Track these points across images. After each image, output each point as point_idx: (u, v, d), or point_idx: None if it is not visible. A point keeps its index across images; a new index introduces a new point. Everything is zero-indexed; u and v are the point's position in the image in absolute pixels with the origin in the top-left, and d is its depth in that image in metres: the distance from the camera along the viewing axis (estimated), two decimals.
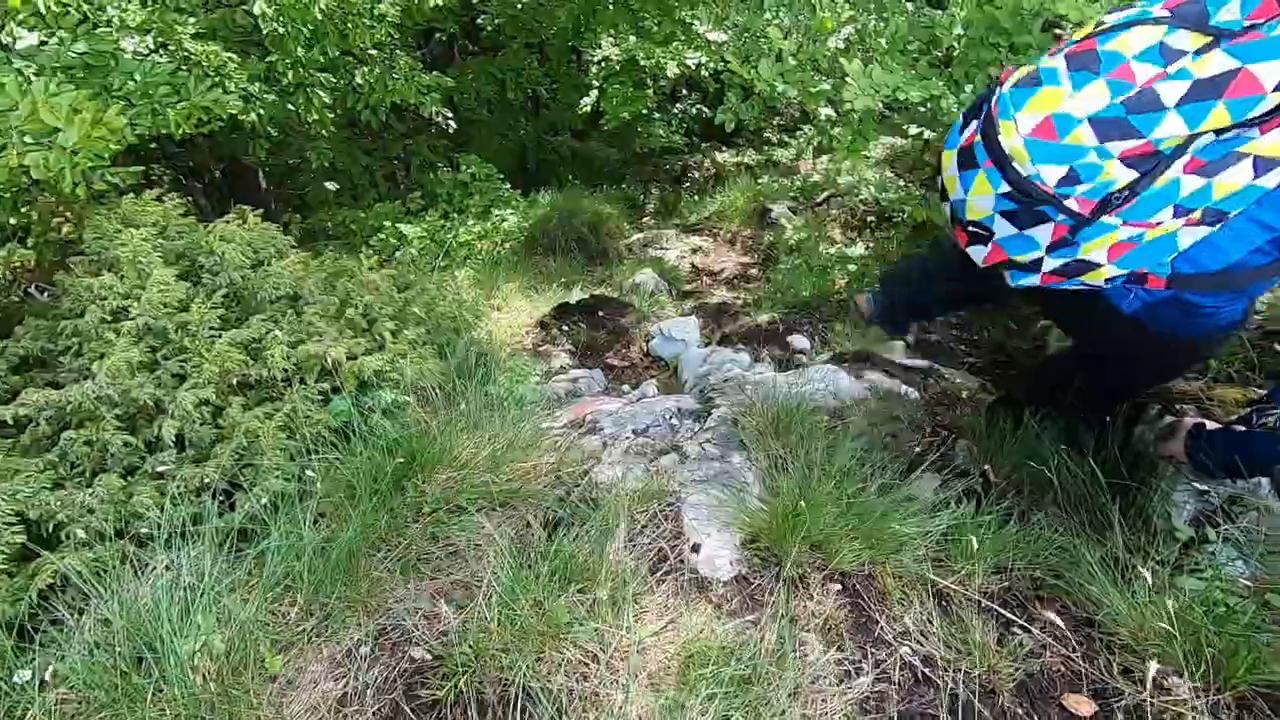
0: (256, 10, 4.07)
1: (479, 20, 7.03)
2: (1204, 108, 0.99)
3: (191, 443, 1.58)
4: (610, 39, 6.23)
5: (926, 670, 1.18)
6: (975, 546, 1.34)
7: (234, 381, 1.72)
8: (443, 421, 1.63)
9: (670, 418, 1.91)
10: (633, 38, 6.05)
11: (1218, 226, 1.11)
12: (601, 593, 1.25)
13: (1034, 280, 1.22)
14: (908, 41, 3.38)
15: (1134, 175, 1.04)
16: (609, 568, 1.30)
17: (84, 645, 1.15)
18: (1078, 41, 1.11)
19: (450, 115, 4.53)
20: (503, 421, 1.67)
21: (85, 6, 2.56)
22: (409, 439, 1.54)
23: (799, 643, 1.19)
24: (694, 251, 4.87)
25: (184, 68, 3.22)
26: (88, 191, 2.10)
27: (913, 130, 3.85)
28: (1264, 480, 1.46)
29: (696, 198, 6.55)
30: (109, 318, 1.70)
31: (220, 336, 1.73)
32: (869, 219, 4.59)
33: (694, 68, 5.64)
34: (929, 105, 3.20)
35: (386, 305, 2.18)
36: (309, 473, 1.49)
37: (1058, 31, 2.97)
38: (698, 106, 8.71)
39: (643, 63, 5.99)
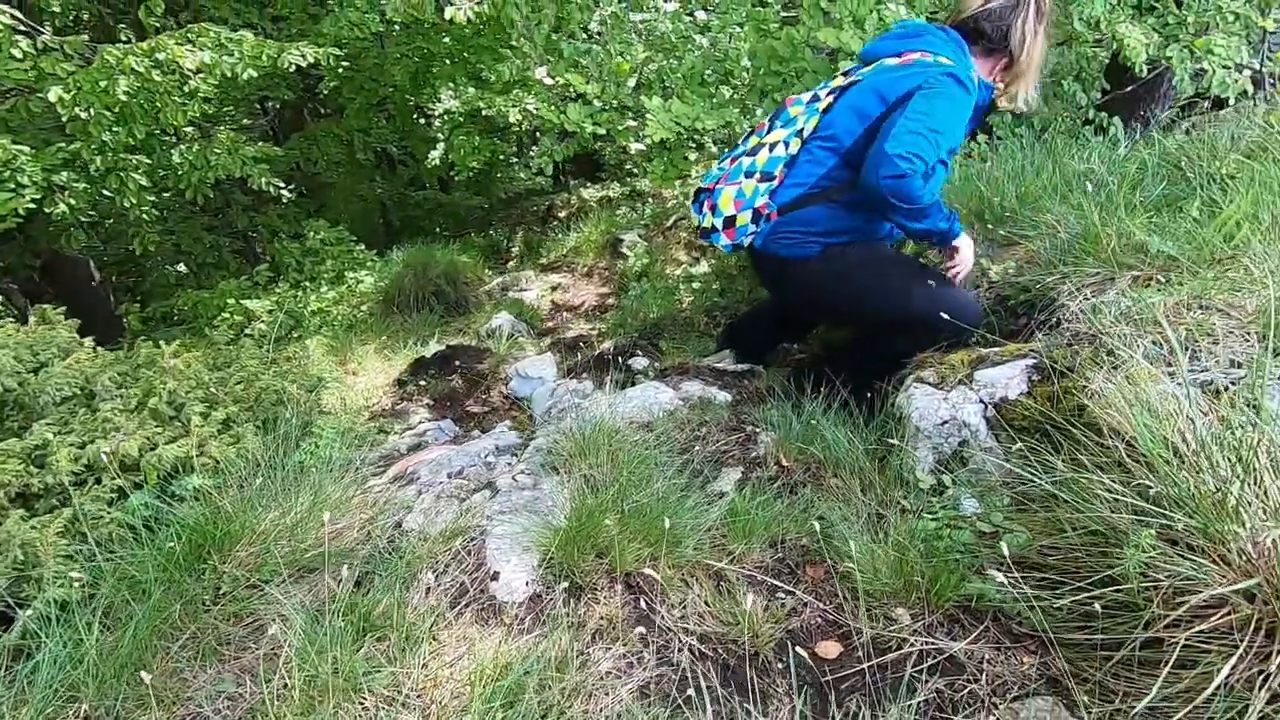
0: (53, 97, 3.88)
1: (317, 86, 6.96)
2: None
3: None
4: (450, 92, 6.33)
5: (702, 647, 1.31)
6: (748, 526, 1.49)
7: (13, 493, 1.64)
8: (244, 497, 1.62)
9: (486, 456, 1.98)
10: (471, 89, 6.18)
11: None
12: (398, 637, 1.29)
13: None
14: (705, 75, 3.69)
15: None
16: (408, 611, 1.35)
17: None
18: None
19: (283, 185, 4.44)
20: (314, 488, 1.68)
21: None
22: (202, 521, 1.53)
23: (585, 646, 1.28)
24: (553, 289, 5.00)
25: None
26: None
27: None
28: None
29: (561, 236, 6.71)
30: None
31: None
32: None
33: (535, 112, 5.83)
34: (726, 129, 3.50)
35: (196, 389, 2.14)
36: (95, 575, 1.45)
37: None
38: (560, 144, 8.95)
39: (485, 112, 6.13)
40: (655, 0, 3.69)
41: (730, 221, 2.06)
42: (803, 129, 2.00)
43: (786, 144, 2.01)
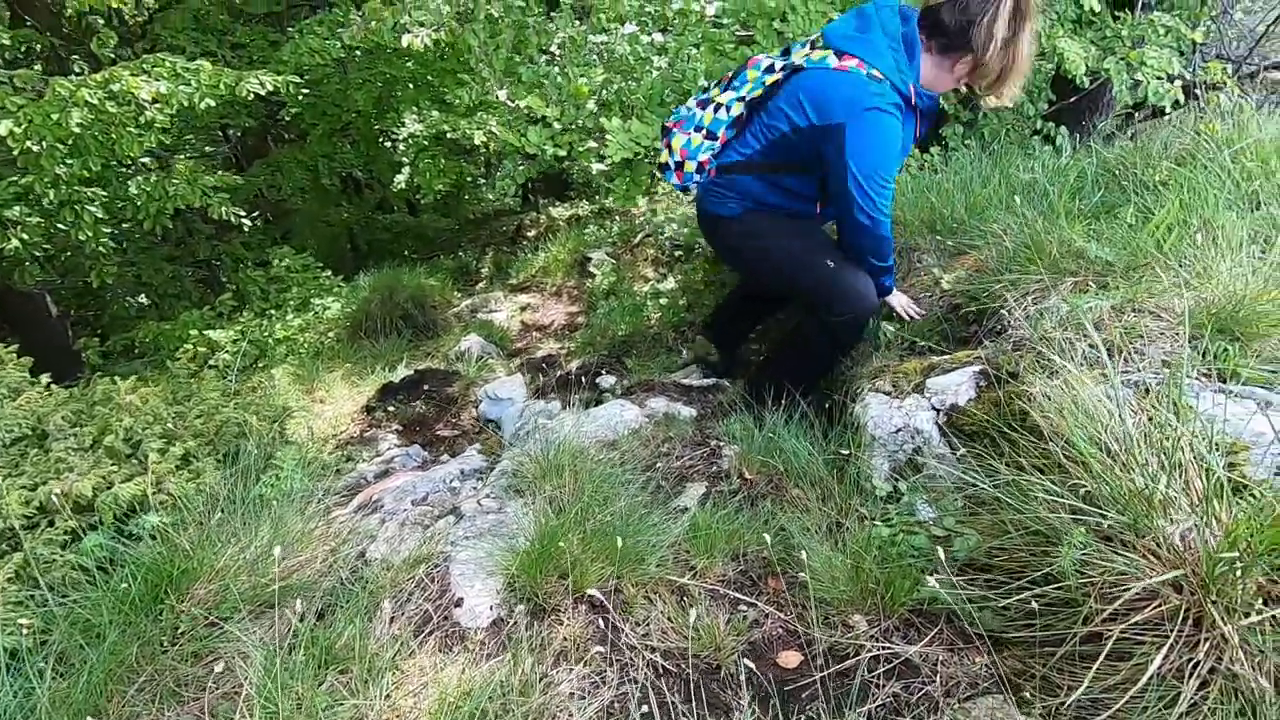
0: (2, 131, 3.81)
1: (279, 111, 6.92)
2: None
3: None
4: (414, 116, 6.33)
5: (665, 664, 1.32)
6: (710, 541, 1.51)
7: None
8: (202, 534, 1.60)
9: (451, 481, 1.98)
10: (435, 112, 6.19)
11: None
12: (360, 669, 1.29)
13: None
14: (664, 94, 3.75)
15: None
16: (371, 642, 1.34)
17: None
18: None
19: (245, 214, 4.40)
20: (274, 522, 1.67)
21: None
22: (159, 560, 1.50)
23: (548, 668, 1.29)
24: (522, 309, 5.01)
25: None
26: None
27: None
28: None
29: (530, 255, 6.72)
30: None
31: None
32: (677, 253, 4.95)
33: (498, 135, 5.86)
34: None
35: (154, 425, 2.11)
36: (48, 620, 1.42)
37: None
38: (522, 165, 8.99)
39: (450, 135, 6.14)
40: (613, 22, 3.76)
41: (680, 165, 2.20)
42: (745, 96, 2.06)
43: (729, 107, 2.09)
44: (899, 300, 2.26)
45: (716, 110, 2.11)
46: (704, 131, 2.14)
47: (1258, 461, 1.16)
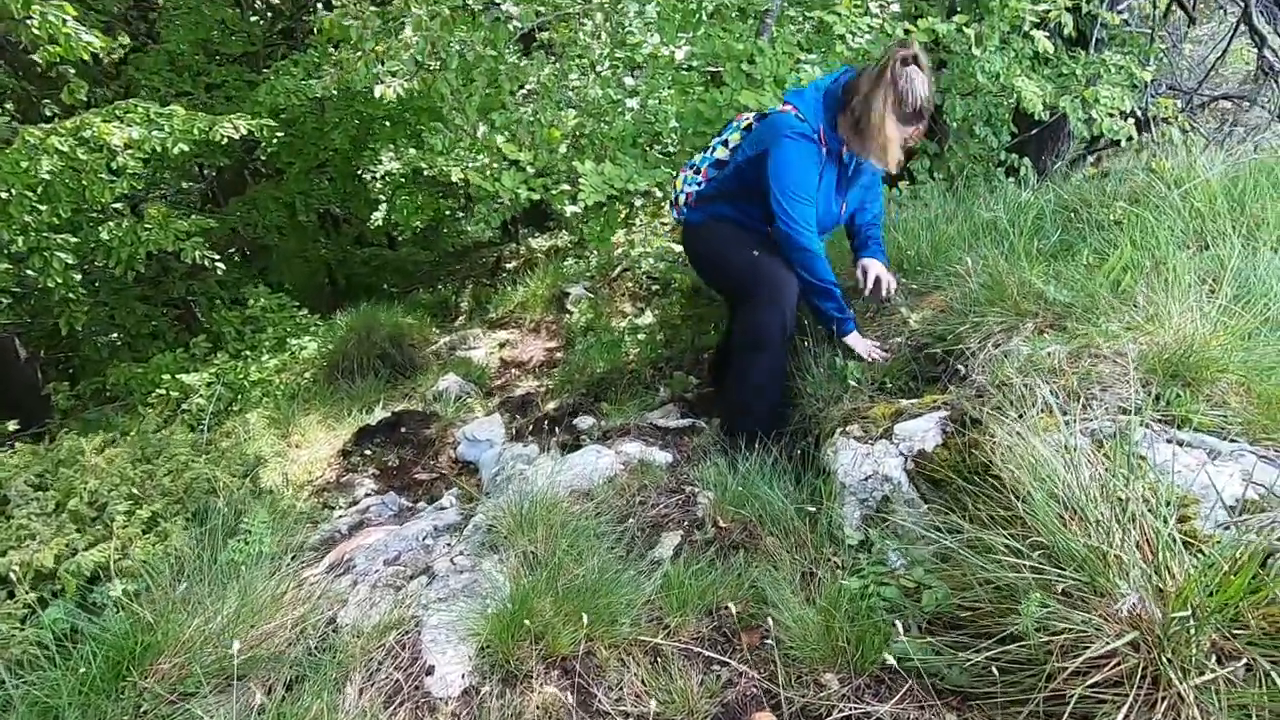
0: None
1: (256, 149, 6.92)
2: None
3: None
4: (391, 154, 6.37)
5: None
6: (683, 598, 1.51)
7: None
8: (167, 604, 1.57)
9: (425, 538, 1.96)
10: (413, 150, 6.23)
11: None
12: None
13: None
14: (636, 136, 3.82)
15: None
16: (340, 716, 1.32)
17: None
18: None
19: (218, 257, 4.38)
20: (241, 591, 1.64)
21: None
22: (120, 636, 1.47)
23: None
24: (501, 346, 5.01)
25: None
26: None
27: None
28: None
29: (509, 289, 6.74)
30: None
31: None
32: (654, 288, 4.99)
33: (470, 177, 5.91)
34: (659, 189, 3.62)
35: (120, 486, 2.07)
36: (4, 701, 1.38)
37: None
38: (496, 208, 9.05)
39: (427, 171, 6.18)
40: (585, 63, 3.82)
41: (676, 200, 2.64)
42: (727, 139, 2.50)
43: (714, 149, 2.55)
44: (861, 344, 2.33)
45: (705, 150, 2.60)
46: (693, 168, 2.60)
47: (1206, 515, 1.19)
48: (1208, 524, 1.18)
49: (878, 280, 2.44)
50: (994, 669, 1.15)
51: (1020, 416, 1.51)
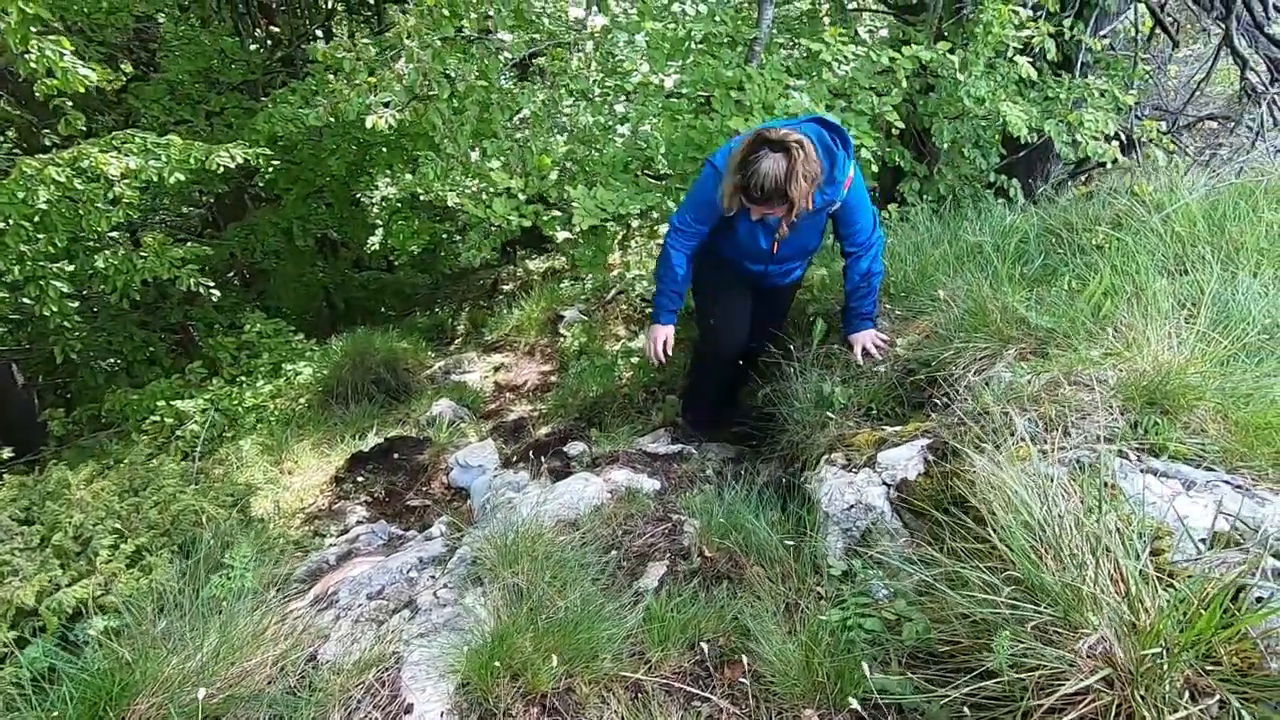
0: None
1: (254, 175, 6.99)
2: None
3: None
4: (387, 179, 6.43)
5: None
6: (665, 631, 1.51)
7: None
8: (148, 641, 1.56)
9: (409, 571, 1.96)
10: (409, 176, 6.30)
11: None
12: None
13: None
14: (628, 162, 3.86)
15: None
16: None
17: None
18: None
19: (212, 284, 4.41)
20: (222, 628, 1.63)
21: None
22: (98, 676, 1.46)
23: None
24: (496, 369, 5.02)
25: None
26: None
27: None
28: None
29: (505, 313, 6.76)
30: None
31: None
32: (648, 310, 5.01)
33: (464, 203, 5.97)
34: (652, 212, 3.66)
35: (106, 519, 2.07)
36: None
37: None
38: (490, 235, 9.11)
39: (423, 196, 6.24)
40: (577, 89, 3.88)
41: None
42: None
43: None
44: (659, 336, 2.57)
45: None
46: None
47: (1181, 548, 1.19)
48: (1181, 557, 1.18)
49: (865, 351, 2.51)
50: (968, 708, 1.14)
51: (997, 447, 1.52)
